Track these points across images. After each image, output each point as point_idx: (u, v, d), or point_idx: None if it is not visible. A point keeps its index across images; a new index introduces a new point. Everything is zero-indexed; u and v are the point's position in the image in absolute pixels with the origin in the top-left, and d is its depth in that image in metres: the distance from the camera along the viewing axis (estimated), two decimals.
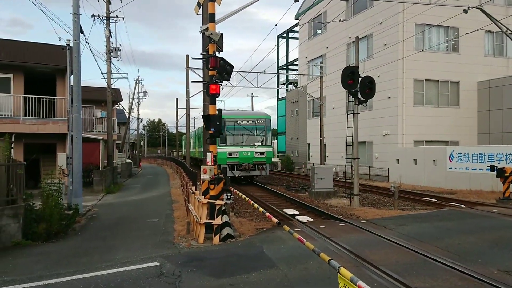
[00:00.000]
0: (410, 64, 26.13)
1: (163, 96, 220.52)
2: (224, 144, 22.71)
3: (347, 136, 15.69)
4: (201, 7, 11.21)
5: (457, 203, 14.94)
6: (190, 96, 30.13)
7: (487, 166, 16.23)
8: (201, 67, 18.97)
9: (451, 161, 20.97)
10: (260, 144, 23.57)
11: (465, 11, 15.11)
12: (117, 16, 25.48)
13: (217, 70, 9.54)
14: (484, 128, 27.25)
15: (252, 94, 51.16)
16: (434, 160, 22.18)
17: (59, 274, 6.75)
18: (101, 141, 23.29)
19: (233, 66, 9.77)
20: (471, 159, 19.71)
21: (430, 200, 16.14)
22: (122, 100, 35.08)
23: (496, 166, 15.11)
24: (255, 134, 23.82)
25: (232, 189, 11.87)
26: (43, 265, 7.51)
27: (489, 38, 28.25)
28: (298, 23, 42.96)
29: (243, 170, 22.95)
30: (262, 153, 23.43)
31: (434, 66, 26.72)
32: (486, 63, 27.92)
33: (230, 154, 22.79)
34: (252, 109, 47.88)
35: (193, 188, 11.76)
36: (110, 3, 24.92)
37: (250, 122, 23.85)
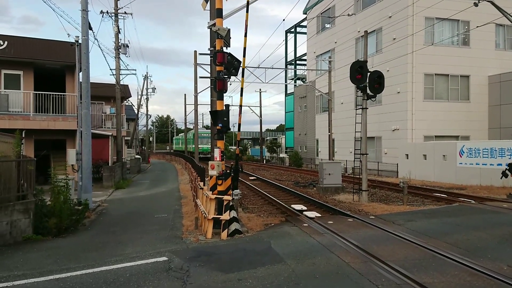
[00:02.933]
0: (420, 58, 25.86)
1: (173, 93, 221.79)
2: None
3: (355, 132, 15.60)
4: (209, 2, 11.20)
5: (467, 199, 14.80)
6: (198, 92, 30.17)
7: (501, 172, 15.25)
8: (209, 63, 19.01)
9: (461, 156, 20.76)
10: None
11: (476, 4, 14.91)
12: (125, 12, 25.67)
13: (224, 65, 9.53)
14: (495, 123, 26.92)
15: (260, 89, 51.24)
16: (444, 156, 21.97)
17: (69, 268, 6.83)
18: (110, 137, 23.44)
19: (240, 62, 9.74)
20: (482, 154, 19.49)
21: (440, 195, 16.00)
22: (131, 96, 35.33)
23: (508, 169, 14.71)
24: (209, 139, 40.53)
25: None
26: (53, 259, 7.60)
27: (500, 32, 27.84)
28: (306, 17, 42.74)
29: (204, 155, 44.18)
30: None
31: (444, 60, 26.42)
32: (497, 57, 27.54)
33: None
34: (260, 104, 50.92)
35: (201, 183, 11.81)
36: None
37: (208, 134, 45.43)
